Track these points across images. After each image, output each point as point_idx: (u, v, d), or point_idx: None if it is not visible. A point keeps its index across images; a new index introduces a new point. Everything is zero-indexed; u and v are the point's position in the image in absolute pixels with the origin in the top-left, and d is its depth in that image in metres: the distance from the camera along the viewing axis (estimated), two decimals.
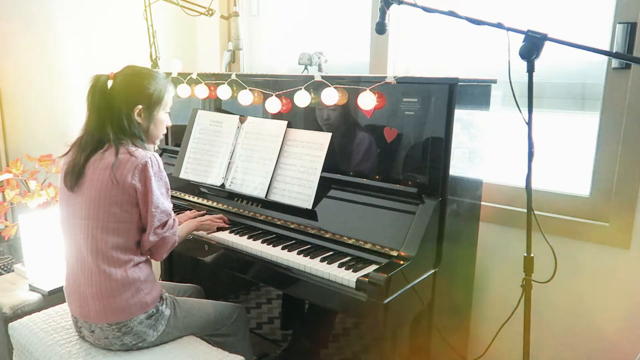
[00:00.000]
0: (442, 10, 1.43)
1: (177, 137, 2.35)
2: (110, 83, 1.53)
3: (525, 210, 1.40)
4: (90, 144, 1.51)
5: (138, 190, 1.47)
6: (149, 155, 1.50)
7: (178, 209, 2.07)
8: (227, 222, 1.89)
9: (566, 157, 1.93)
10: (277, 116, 1.94)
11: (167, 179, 1.57)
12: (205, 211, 2.01)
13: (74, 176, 1.49)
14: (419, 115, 1.60)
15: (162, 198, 1.52)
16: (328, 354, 2.11)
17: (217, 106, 2.24)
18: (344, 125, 1.80)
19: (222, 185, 2.00)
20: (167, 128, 1.68)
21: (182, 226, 1.72)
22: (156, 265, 2.37)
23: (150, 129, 1.59)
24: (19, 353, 1.66)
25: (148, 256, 1.59)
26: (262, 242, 1.73)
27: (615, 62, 1.71)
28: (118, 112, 1.52)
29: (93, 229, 1.47)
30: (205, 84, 2.13)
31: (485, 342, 1.73)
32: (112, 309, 1.47)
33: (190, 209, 2.05)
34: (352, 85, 1.72)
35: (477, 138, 1.73)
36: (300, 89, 1.80)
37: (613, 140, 1.74)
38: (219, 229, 1.85)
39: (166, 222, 1.54)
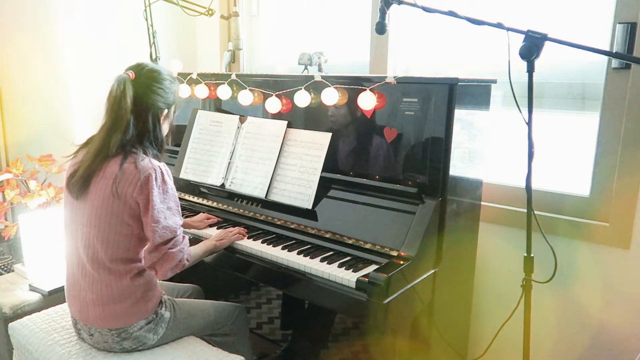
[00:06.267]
0: (442, 10, 1.43)
1: (177, 137, 2.35)
2: (130, 84, 1.44)
3: (525, 210, 1.40)
4: (101, 152, 1.44)
5: (140, 203, 1.42)
6: (155, 166, 1.43)
7: None
8: (246, 234, 1.80)
9: (566, 157, 1.93)
10: (277, 116, 1.94)
11: (175, 192, 1.49)
12: (195, 213, 2.02)
13: (80, 187, 1.44)
14: (419, 115, 1.60)
15: (166, 213, 1.43)
16: (328, 354, 2.12)
17: (217, 106, 2.24)
18: (344, 126, 1.80)
19: (222, 185, 2.00)
20: None
21: (197, 247, 1.64)
22: None
23: (167, 131, 1.57)
24: (19, 353, 1.66)
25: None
26: (262, 242, 1.73)
27: (615, 62, 1.71)
28: (145, 118, 1.46)
29: (93, 239, 1.44)
30: (205, 84, 2.13)
31: (485, 342, 1.73)
32: (112, 315, 1.46)
33: (191, 209, 2.05)
34: (352, 85, 1.71)
35: (477, 138, 1.73)
36: (300, 89, 1.80)
37: (613, 140, 1.74)
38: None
39: (171, 239, 1.44)
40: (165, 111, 1.53)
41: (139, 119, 1.46)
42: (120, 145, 1.44)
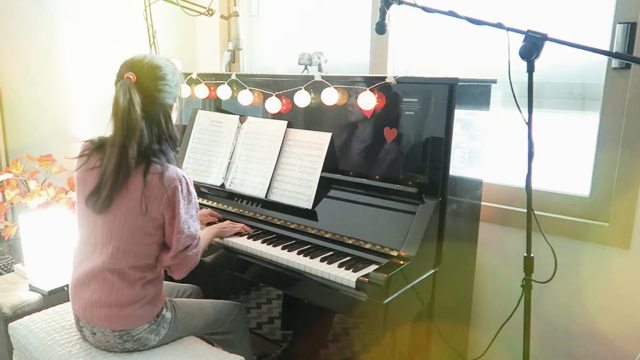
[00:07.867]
0: (442, 10, 1.43)
1: None
2: (135, 89, 1.36)
3: (525, 210, 1.40)
4: (121, 168, 1.37)
5: (166, 215, 1.42)
6: (180, 176, 1.41)
7: None
8: (249, 231, 1.81)
9: (566, 157, 1.93)
10: (277, 116, 1.94)
11: (197, 200, 1.50)
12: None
13: (106, 207, 1.40)
14: (419, 115, 1.60)
15: (189, 221, 1.45)
16: (328, 354, 2.11)
17: (217, 106, 2.24)
18: (344, 126, 1.80)
19: (222, 185, 2.00)
20: None
21: (203, 238, 1.64)
22: None
23: (175, 120, 1.51)
24: (19, 353, 1.66)
25: (165, 271, 1.54)
26: (262, 242, 1.73)
27: (615, 62, 1.71)
28: (157, 120, 1.42)
29: (114, 249, 1.43)
30: (205, 84, 2.13)
31: (485, 342, 1.73)
32: (117, 317, 1.45)
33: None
34: (352, 85, 1.72)
35: (477, 138, 1.73)
36: (300, 89, 1.80)
37: (613, 140, 1.74)
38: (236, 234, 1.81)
39: (191, 244, 1.48)
40: (174, 104, 1.49)
41: (151, 123, 1.42)
42: (139, 155, 1.38)
